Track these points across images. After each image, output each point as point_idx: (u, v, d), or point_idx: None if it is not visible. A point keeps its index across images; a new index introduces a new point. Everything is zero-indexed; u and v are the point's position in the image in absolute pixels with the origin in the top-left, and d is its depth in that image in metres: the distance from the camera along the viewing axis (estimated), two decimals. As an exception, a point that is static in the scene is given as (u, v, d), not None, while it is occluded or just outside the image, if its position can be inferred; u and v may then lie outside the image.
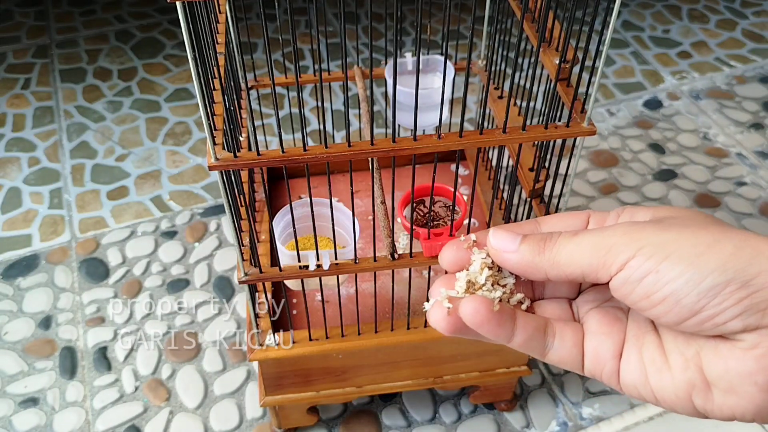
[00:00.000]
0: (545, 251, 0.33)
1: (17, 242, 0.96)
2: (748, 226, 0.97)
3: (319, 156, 0.44)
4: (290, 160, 0.44)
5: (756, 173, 1.06)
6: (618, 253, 0.30)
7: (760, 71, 1.27)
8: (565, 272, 0.32)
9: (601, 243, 0.31)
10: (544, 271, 0.33)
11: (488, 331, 0.33)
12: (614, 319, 0.34)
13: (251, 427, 0.76)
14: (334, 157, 0.44)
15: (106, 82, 1.24)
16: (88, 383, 0.79)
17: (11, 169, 1.07)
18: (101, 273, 0.91)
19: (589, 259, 0.31)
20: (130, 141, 1.12)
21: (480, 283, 0.35)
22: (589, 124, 0.47)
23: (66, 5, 1.45)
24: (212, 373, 0.80)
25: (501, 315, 0.33)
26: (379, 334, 0.62)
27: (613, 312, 0.35)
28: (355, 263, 0.53)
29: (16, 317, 0.86)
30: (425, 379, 0.69)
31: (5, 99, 1.20)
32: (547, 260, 0.33)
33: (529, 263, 0.33)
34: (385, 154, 0.44)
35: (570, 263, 0.32)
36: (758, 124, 1.15)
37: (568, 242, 0.32)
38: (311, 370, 0.66)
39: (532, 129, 0.46)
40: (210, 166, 0.43)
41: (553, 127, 0.46)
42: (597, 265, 0.31)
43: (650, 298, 0.30)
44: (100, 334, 0.84)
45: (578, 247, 0.32)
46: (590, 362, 0.34)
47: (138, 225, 0.98)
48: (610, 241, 0.31)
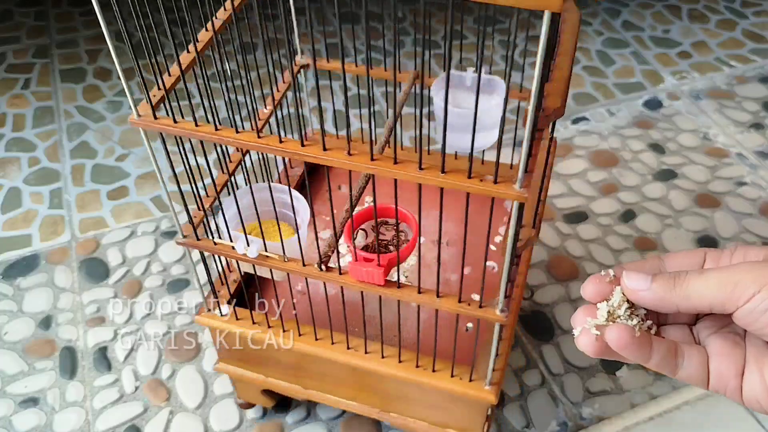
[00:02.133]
0: (676, 288, 0.39)
1: (17, 242, 0.96)
2: (748, 226, 0.97)
3: (244, 142, 0.45)
4: (205, 137, 0.47)
5: (756, 173, 1.06)
6: (745, 288, 0.37)
7: (760, 71, 1.27)
8: (695, 305, 0.39)
9: (728, 279, 0.37)
10: (676, 305, 0.39)
11: (630, 353, 0.39)
12: (733, 343, 0.40)
13: (251, 427, 0.76)
14: (267, 149, 0.45)
15: (106, 82, 1.24)
16: (88, 383, 0.79)
17: (11, 169, 1.07)
18: (101, 273, 0.91)
19: (717, 293, 0.38)
20: (130, 141, 1.12)
21: (619, 314, 0.41)
22: (522, 186, 0.41)
23: (66, 5, 1.45)
24: (212, 373, 0.80)
25: (640, 340, 0.39)
26: (320, 343, 0.61)
27: (732, 337, 0.41)
28: (285, 261, 0.54)
29: (16, 317, 0.86)
30: (371, 407, 0.67)
31: (5, 99, 1.20)
32: (679, 295, 0.39)
33: (661, 299, 0.40)
34: (317, 159, 0.44)
35: (700, 297, 0.38)
36: (758, 124, 1.15)
37: (697, 279, 0.39)
38: (263, 355, 0.66)
39: (453, 175, 0.42)
40: (131, 122, 0.49)
41: (477, 180, 0.41)
42: (724, 299, 0.37)
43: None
44: (100, 334, 0.84)
45: (707, 284, 0.38)
46: (715, 380, 0.40)
47: (138, 225, 0.98)
48: (735, 278, 0.37)
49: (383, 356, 0.60)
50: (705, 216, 0.99)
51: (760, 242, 0.95)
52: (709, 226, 0.97)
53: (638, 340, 0.39)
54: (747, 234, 0.96)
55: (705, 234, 0.96)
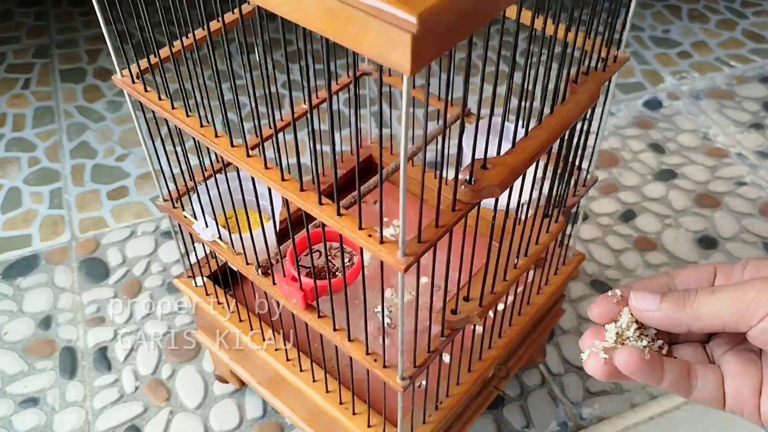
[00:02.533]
0: (686, 308, 0.38)
1: (17, 242, 0.96)
2: (748, 227, 0.97)
3: (200, 135, 0.46)
4: (175, 121, 0.48)
5: (756, 173, 1.06)
6: (758, 307, 0.36)
7: (760, 71, 1.27)
8: (706, 325, 0.37)
9: (740, 298, 0.36)
10: (686, 325, 0.38)
11: (640, 376, 0.38)
12: (749, 361, 0.39)
13: (251, 428, 0.76)
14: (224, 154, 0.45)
15: (106, 82, 1.24)
16: (88, 383, 0.79)
17: (11, 169, 1.07)
18: (101, 273, 0.91)
19: (730, 312, 0.36)
20: (130, 141, 1.12)
21: (628, 335, 0.40)
22: (405, 255, 0.38)
23: (66, 5, 1.44)
24: (212, 373, 0.80)
25: (651, 362, 0.38)
26: (266, 345, 0.60)
27: (747, 354, 0.39)
28: (233, 254, 0.54)
29: (16, 317, 0.86)
30: (306, 419, 0.66)
31: (5, 99, 1.20)
32: (689, 315, 0.38)
33: (671, 319, 0.38)
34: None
35: (711, 317, 0.37)
36: (758, 124, 1.15)
37: (708, 298, 0.37)
38: (228, 338, 0.66)
39: (348, 221, 0.40)
40: (114, 78, 0.52)
41: (366, 233, 0.39)
42: (737, 318, 0.36)
43: None
44: (100, 334, 0.84)
45: (719, 302, 0.37)
46: (732, 401, 0.39)
47: (138, 225, 0.98)
48: (748, 297, 0.36)
49: (314, 379, 0.59)
50: (705, 216, 0.99)
51: (761, 242, 0.95)
52: (709, 226, 0.97)
53: (649, 363, 0.38)
54: (747, 234, 0.96)
55: (705, 234, 0.96)
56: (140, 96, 0.51)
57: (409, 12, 0.26)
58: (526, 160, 0.40)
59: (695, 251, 0.94)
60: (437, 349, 0.48)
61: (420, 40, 0.27)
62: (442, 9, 0.27)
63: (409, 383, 0.47)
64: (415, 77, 0.52)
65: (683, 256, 0.94)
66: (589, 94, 0.47)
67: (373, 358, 0.48)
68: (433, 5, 0.27)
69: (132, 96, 0.52)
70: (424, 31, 0.27)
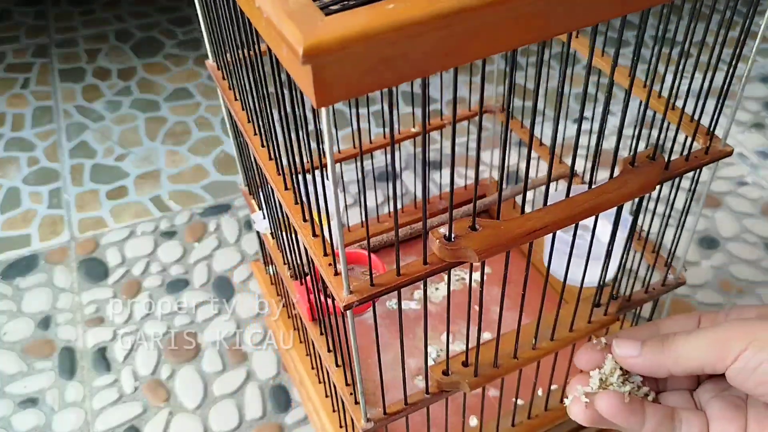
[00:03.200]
0: (665, 351, 0.38)
1: (16, 242, 0.95)
2: (749, 227, 0.97)
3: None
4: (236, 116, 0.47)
5: (757, 173, 1.06)
6: (732, 347, 0.35)
7: (761, 71, 1.27)
8: (686, 367, 0.37)
9: (716, 338, 0.36)
10: (667, 368, 0.38)
11: (621, 420, 0.38)
12: (734, 406, 0.39)
13: (251, 428, 0.75)
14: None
15: (105, 81, 1.23)
16: (88, 383, 0.79)
17: (10, 169, 1.07)
18: (100, 273, 0.91)
19: (707, 353, 0.36)
20: (130, 141, 1.12)
21: (611, 381, 0.41)
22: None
23: (65, 5, 1.44)
24: (212, 374, 0.80)
25: (631, 406, 0.38)
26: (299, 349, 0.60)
27: (733, 399, 0.39)
28: (278, 249, 0.53)
29: (15, 317, 0.86)
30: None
31: (4, 99, 1.20)
32: (669, 358, 0.38)
33: (652, 364, 0.39)
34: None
35: (689, 358, 0.37)
36: (759, 123, 1.15)
37: (686, 340, 0.37)
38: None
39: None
40: (207, 63, 0.52)
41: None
42: (715, 358, 0.36)
43: (765, 385, 0.35)
44: (100, 334, 0.84)
45: (696, 343, 0.37)
46: None
47: (137, 225, 0.98)
48: (724, 336, 0.36)
49: (326, 395, 0.58)
50: (706, 216, 0.99)
51: (762, 242, 0.95)
52: (710, 226, 0.97)
53: (629, 407, 0.38)
54: (748, 234, 0.96)
55: (705, 234, 0.96)
56: (220, 82, 0.51)
57: (299, 43, 0.24)
58: (521, 234, 0.35)
59: (695, 251, 0.94)
60: (415, 404, 0.45)
61: (322, 73, 0.24)
62: (343, 47, 0.24)
63: (373, 427, 0.44)
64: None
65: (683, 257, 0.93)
66: (641, 183, 0.40)
67: (349, 391, 0.46)
68: (332, 40, 0.24)
69: (216, 81, 0.52)
70: (320, 66, 0.24)
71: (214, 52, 0.52)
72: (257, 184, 0.53)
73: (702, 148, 0.45)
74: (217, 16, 0.44)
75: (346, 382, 0.46)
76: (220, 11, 0.43)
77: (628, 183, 0.40)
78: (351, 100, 0.63)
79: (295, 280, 0.52)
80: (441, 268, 0.36)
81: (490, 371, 0.44)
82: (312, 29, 0.24)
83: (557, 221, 0.37)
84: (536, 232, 0.36)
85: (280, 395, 0.78)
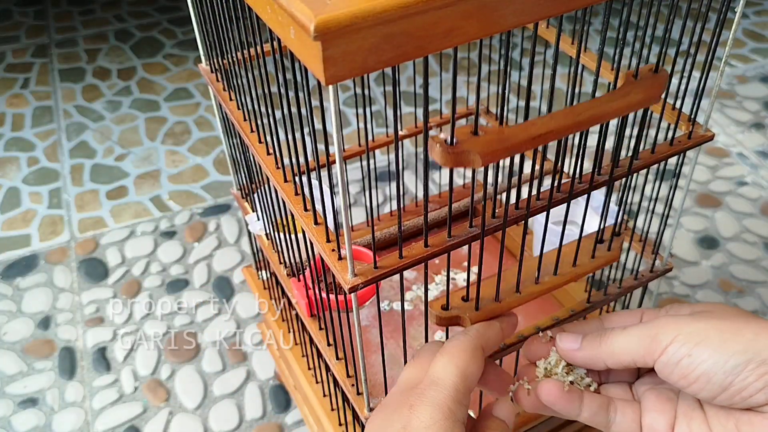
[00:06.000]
0: (602, 345, 0.40)
1: (16, 242, 0.95)
2: (749, 226, 0.97)
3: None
4: (234, 121, 0.46)
5: (757, 173, 1.06)
6: (659, 341, 0.38)
7: (761, 71, 1.27)
8: (620, 360, 0.40)
9: (646, 333, 0.38)
10: (603, 361, 0.41)
11: (560, 407, 0.41)
12: (666, 399, 0.41)
13: (251, 428, 0.75)
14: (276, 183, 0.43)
15: (105, 81, 1.23)
16: (88, 383, 0.79)
17: (10, 169, 1.07)
18: (100, 273, 0.91)
19: (638, 347, 0.39)
20: (130, 141, 1.12)
21: (556, 372, 0.43)
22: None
23: (65, 5, 1.44)
24: (212, 374, 0.80)
25: (570, 394, 0.41)
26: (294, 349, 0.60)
27: (666, 392, 0.42)
28: (273, 250, 0.53)
29: (15, 317, 0.86)
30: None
31: (4, 98, 1.20)
32: (605, 352, 0.40)
33: (591, 357, 0.41)
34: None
35: (623, 353, 0.39)
36: (759, 123, 1.15)
37: (619, 335, 0.40)
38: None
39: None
40: (200, 66, 0.52)
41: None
42: (644, 352, 0.38)
43: (687, 378, 0.37)
44: (100, 334, 0.84)
45: (627, 338, 0.39)
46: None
47: (137, 225, 0.98)
48: (653, 332, 0.38)
49: (324, 394, 0.58)
50: (705, 216, 0.99)
51: (761, 242, 0.95)
52: (710, 226, 0.97)
53: (567, 395, 0.41)
54: (748, 234, 0.96)
55: (705, 234, 0.96)
56: (214, 84, 0.51)
57: (309, 20, 0.25)
58: (525, 139, 0.34)
59: (695, 251, 0.94)
60: None
61: (330, 49, 0.26)
62: (353, 23, 0.26)
63: None
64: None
65: (683, 256, 0.93)
66: (645, 95, 0.40)
67: (351, 383, 0.46)
68: (341, 17, 0.26)
69: (209, 84, 0.52)
70: (330, 41, 0.26)
71: (207, 55, 0.52)
72: (251, 184, 0.53)
73: (685, 133, 0.48)
74: (214, 16, 0.44)
75: (348, 374, 0.47)
76: (216, 10, 0.43)
77: (631, 93, 0.40)
78: (352, 101, 0.63)
79: (292, 277, 0.52)
80: (442, 250, 0.37)
81: (491, 306, 0.43)
82: (321, 7, 0.25)
83: (561, 128, 0.36)
84: (540, 138, 0.35)
85: (280, 395, 0.78)
